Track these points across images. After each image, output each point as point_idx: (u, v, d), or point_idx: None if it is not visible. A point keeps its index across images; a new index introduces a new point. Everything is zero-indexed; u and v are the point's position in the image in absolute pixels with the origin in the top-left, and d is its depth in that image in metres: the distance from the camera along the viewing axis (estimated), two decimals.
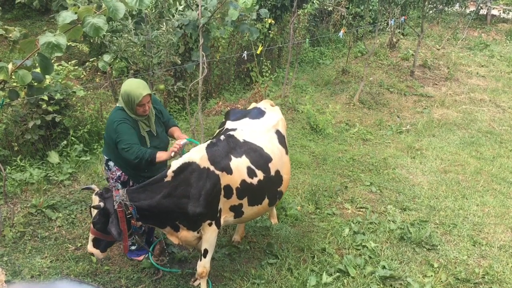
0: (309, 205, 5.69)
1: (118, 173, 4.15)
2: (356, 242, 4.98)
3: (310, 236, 5.07)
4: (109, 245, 3.80)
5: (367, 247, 4.89)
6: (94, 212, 3.58)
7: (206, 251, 3.95)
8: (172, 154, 3.90)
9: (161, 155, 3.89)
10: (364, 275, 4.48)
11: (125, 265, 4.50)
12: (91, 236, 3.69)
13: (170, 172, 3.70)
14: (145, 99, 3.90)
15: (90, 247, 3.73)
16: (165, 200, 3.67)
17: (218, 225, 3.94)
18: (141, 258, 4.55)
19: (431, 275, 4.57)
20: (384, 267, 4.58)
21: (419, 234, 5.13)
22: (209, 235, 3.90)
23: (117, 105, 4.06)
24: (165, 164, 4.11)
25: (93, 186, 3.72)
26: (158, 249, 4.59)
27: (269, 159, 4.19)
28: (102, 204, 3.54)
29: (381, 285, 4.38)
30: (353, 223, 5.35)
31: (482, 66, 12.46)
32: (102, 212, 3.55)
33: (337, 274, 4.45)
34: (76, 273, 4.32)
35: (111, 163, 4.15)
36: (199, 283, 4.15)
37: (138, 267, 4.45)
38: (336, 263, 4.62)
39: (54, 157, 5.97)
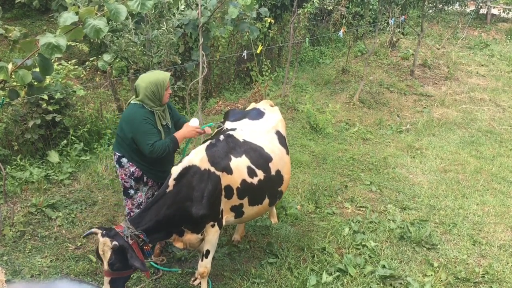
0: (309, 204, 5.70)
1: (132, 169, 4.08)
2: (356, 242, 4.98)
3: (310, 236, 5.07)
4: (126, 280, 3.64)
5: (367, 247, 4.89)
6: (108, 254, 3.37)
7: (208, 251, 3.94)
8: (195, 137, 4.14)
9: (182, 134, 4.06)
10: (364, 274, 4.48)
11: None
12: (106, 279, 3.43)
13: (171, 181, 3.69)
14: (168, 83, 4.04)
15: None
16: (170, 210, 3.65)
17: (220, 226, 3.94)
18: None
19: (431, 274, 4.57)
20: (384, 267, 4.58)
21: (419, 234, 5.13)
22: (211, 236, 3.90)
23: (133, 102, 4.02)
24: (172, 160, 4.19)
25: (94, 230, 3.50)
26: (158, 249, 4.59)
27: (269, 158, 4.18)
28: (116, 242, 3.35)
29: (381, 285, 4.38)
30: (353, 222, 5.35)
31: (482, 65, 12.46)
32: (117, 251, 3.37)
33: (337, 273, 4.45)
34: (76, 272, 4.32)
35: (124, 160, 4.08)
36: (199, 283, 4.15)
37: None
38: (336, 262, 4.62)
39: (54, 157, 5.96)
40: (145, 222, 3.59)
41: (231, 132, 4.18)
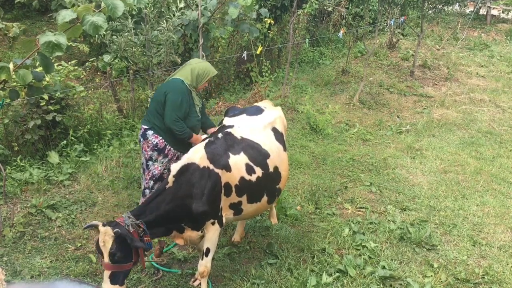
0: (309, 205, 5.69)
1: (156, 140, 4.37)
2: (356, 242, 4.98)
3: (310, 236, 5.07)
4: (126, 275, 3.60)
5: (367, 247, 4.89)
6: (109, 244, 3.38)
7: (208, 250, 3.94)
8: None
9: (195, 139, 4.39)
10: (364, 275, 4.47)
11: None
12: (106, 274, 3.41)
13: (171, 178, 3.71)
14: (211, 78, 4.53)
15: (108, 286, 3.42)
16: (170, 205, 3.67)
17: (220, 223, 3.95)
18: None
19: (431, 275, 4.56)
20: (384, 267, 4.58)
21: (419, 234, 5.13)
22: (212, 234, 3.90)
23: (176, 77, 4.42)
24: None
25: (95, 222, 3.52)
26: (158, 249, 4.59)
27: (267, 155, 4.19)
28: (118, 230, 3.37)
29: (381, 285, 4.38)
30: (353, 223, 5.34)
31: (482, 66, 12.46)
32: (119, 239, 3.39)
33: (337, 274, 4.44)
34: (76, 273, 4.31)
35: (149, 132, 4.39)
36: (199, 283, 4.15)
37: (138, 267, 4.45)
38: (336, 263, 4.61)
39: (54, 157, 5.96)
40: (145, 215, 3.62)
41: (229, 130, 4.19)
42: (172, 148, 4.42)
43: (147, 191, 4.48)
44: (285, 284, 4.31)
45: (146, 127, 4.41)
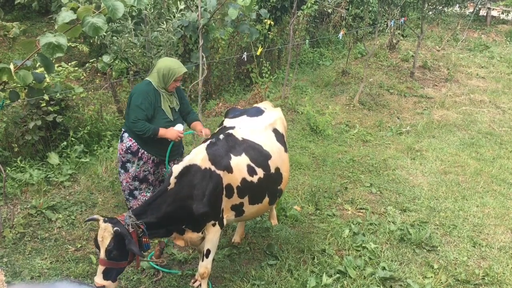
0: (309, 206, 5.69)
1: (130, 143, 4.39)
2: (356, 243, 4.98)
3: (310, 237, 5.07)
4: (120, 273, 3.63)
5: (367, 248, 4.89)
6: (106, 241, 3.41)
7: (208, 251, 3.93)
8: (176, 140, 4.33)
9: (164, 132, 4.28)
10: (364, 276, 4.47)
11: None
12: (100, 268, 3.45)
13: (172, 179, 3.70)
14: (181, 76, 4.38)
15: (99, 280, 3.45)
16: (171, 207, 3.67)
17: (221, 225, 3.95)
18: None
19: (431, 276, 4.56)
20: (384, 268, 4.57)
21: (419, 235, 5.13)
22: (212, 235, 3.90)
23: (146, 79, 4.43)
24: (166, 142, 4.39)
25: (97, 216, 3.57)
26: (158, 250, 4.58)
27: (268, 156, 4.20)
28: (118, 229, 3.41)
29: (381, 286, 4.38)
30: (353, 224, 5.34)
31: (482, 67, 12.47)
32: (116, 237, 3.42)
33: (337, 275, 4.44)
34: (76, 274, 4.31)
35: (125, 135, 4.43)
36: (199, 284, 4.15)
37: (138, 268, 4.44)
38: (336, 264, 4.61)
39: (54, 158, 5.96)
40: (146, 216, 3.63)
41: (230, 131, 4.19)
42: (145, 152, 4.41)
43: (126, 192, 4.56)
44: (285, 285, 4.31)
45: (123, 129, 4.49)
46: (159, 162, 4.54)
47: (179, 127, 4.36)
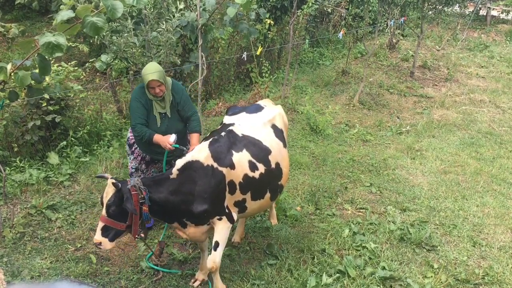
0: (309, 206, 5.69)
1: (129, 135, 4.78)
2: (356, 243, 4.98)
3: (310, 237, 5.07)
4: (118, 235, 3.68)
5: (367, 248, 4.89)
6: (109, 196, 3.54)
7: (217, 243, 3.89)
8: (167, 149, 4.38)
9: (158, 138, 4.37)
10: (364, 276, 4.47)
11: (125, 266, 4.50)
12: (100, 225, 3.59)
13: (175, 170, 3.75)
14: (153, 83, 4.31)
15: (97, 236, 3.60)
16: (172, 197, 3.72)
17: (230, 220, 3.95)
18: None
19: (431, 276, 4.56)
20: (384, 268, 4.57)
21: (419, 235, 5.13)
22: (221, 228, 3.89)
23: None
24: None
25: (107, 175, 3.70)
26: (158, 250, 4.58)
27: (268, 151, 4.21)
28: (119, 184, 3.54)
29: (381, 286, 4.38)
30: (353, 224, 5.34)
31: (482, 67, 12.47)
32: (118, 194, 3.53)
33: (337, 275, 4.44)
34: (76, 274, 4.31)
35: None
36: (199, 284, 4.14)
37: (138, 268, 4.45)
38: (336, 264, 4.61)
39: (53, 158, 5.96)
40: (150, 189, 3.69)
41: (231, 128, 4.21)
42: (138, 148, 4.71)
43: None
44: (285, 285, 4.31)
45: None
46: (149, 161, 4.74)
47: (172, 138, 4.38)
